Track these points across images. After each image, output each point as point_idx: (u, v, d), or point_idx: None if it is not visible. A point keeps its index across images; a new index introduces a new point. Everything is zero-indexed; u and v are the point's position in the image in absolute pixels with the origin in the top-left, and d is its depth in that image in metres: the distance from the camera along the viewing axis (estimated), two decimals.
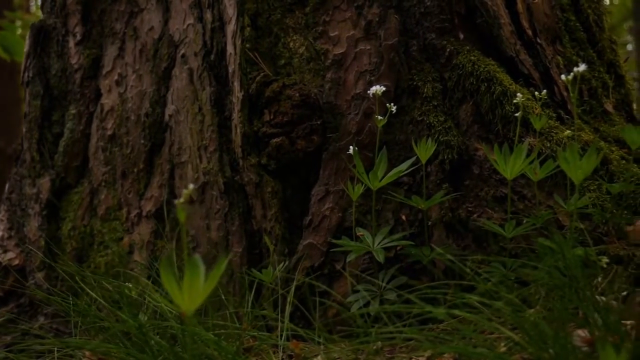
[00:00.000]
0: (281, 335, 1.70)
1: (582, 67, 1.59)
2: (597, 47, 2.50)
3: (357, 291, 1.95)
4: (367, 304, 1.89)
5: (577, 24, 2.47)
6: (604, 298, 1.72)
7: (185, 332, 1.46)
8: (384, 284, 1.92)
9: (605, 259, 1.65)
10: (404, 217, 2.08)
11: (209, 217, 2.29)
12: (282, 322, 1.78)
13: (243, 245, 2.22)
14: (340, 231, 2.10)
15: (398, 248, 2.04)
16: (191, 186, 1.05)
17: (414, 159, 1.93)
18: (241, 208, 2.24)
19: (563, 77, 1.66)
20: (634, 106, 2.57)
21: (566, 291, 1.50)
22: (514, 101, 1.90)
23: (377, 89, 1.83)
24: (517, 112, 2.01)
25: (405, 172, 1.92)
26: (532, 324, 1.25)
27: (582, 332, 1.43)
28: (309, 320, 2.00)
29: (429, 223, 2.05)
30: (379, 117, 1.86)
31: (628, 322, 1.47)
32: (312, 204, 2.14)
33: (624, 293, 1.74)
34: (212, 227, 2.28)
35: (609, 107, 2.37)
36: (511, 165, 1.78)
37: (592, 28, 2.51)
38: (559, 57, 2.33)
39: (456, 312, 1.34)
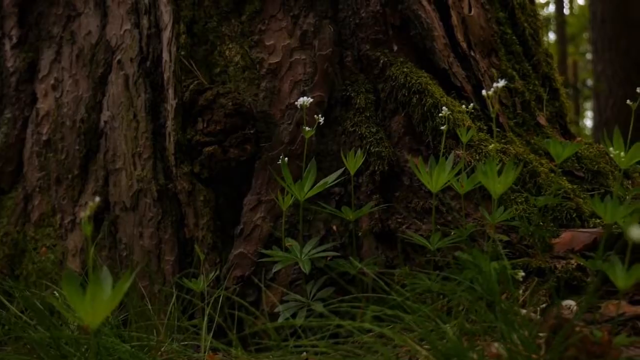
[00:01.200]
0: (198, 347, 1.69)
1: (501, 83, 1.61)
2: (533, 60, 2.54)
3: (286, 301, 1.95)
4: (294, 315, 1.90)
5: (514, 37, 2.51)
6: (523, 311, 1.75)
7: (94, 343, 1.44)
8: (311, 295, 1.92)
9: (521, 273, 1.67)
10: (334, 228, 2.08)
11: (142, 225, 2.27)
12: (198, 333, 1.77)
13: (175, 254, 2.20)
14: (272, 241, 2.10)
15: (328, 258, 2.04)
16: (94, 200, 1.04)
17: (342, 170, 1.94)
18: (174, 216, 2.22)
19: (484, 92, 1.68)
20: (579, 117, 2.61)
21: (482, 305, 1.52)
22: (440, 115, 1.91)
23: (304, 100, 1.83)
24: (448, 124, 2.03)
25: (333, 183, 1.92)
26: (438, 338, 1.26)
27: (494, 347, 1.45)
28: (237, 330, 2.00)
29: (359, 234, 2.06)
30: (307, 128, 1.86)
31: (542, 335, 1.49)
32: (243, 213, 2.13)
33: (543, 305, 1.77)
34: (145, 235, 2.26)
35: (542, 120, 2.40)
36: (435, 178, 1.79)
37: (528, 41, 2.55)
38: (493, 70, 2.36)
39: (366, 325, 1.34)
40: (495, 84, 1.62)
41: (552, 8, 22.77)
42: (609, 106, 11.31)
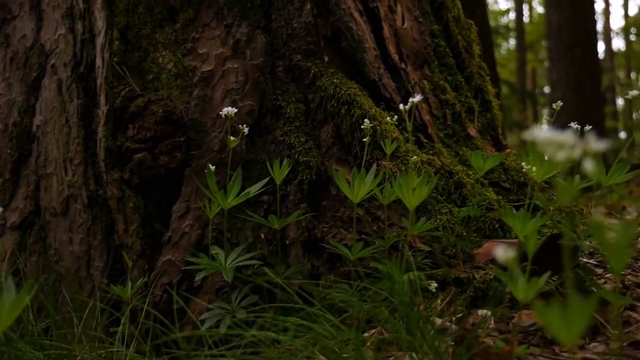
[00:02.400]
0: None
1: (417, 98, 1.65)
2: (466, 72, 2.59)
3: (212, 309, 1.96)
4: (219, 323, 1.91)
5: (447, 50, 2.56)
6: (439, 320, 1.79)
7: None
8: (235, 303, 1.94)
9: (434, 284, 1.71)
10: (262, 236, 2.10)
11: (72, 231, 2.27)
12: (123, 340, 1.78)
13: (104, 260, 2.20)
14: (200, 248, 2.11)
15: (255, 266, 2.06)
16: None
17: (267, 179, 1.96)
18: (104, 222, 2.22)
19: (401, 106, 1.71)
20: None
21: (397, 315, 1.56)
22: (362, 127, 1.95)
23: (228, 110, 1.84)
24: (374, 135, 2.07)
25: (258, 192, 1.94)
26: (330, 348, 1.29)
27: (407, 357, 1.48)
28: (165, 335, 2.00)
29: (287, 242, 2.08)
30: (232, 138, 1.88)
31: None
32: (172, 221, 2.14)
33: (459, 315, 1.81)
34: (74, 241, 2.26)
35: (472, 132, 2.46)
36: (356, 189, 1.82)
37: (461, 54, 2.60)
38: (425, 82, 2.40)
39: (271, 334, 1.37)
40: (411, 99, 1.66)
41: (512, 15, 23.11)
42: (563, 113, 11.53)
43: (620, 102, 23.76)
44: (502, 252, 0.88)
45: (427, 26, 2.50)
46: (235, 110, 1.87)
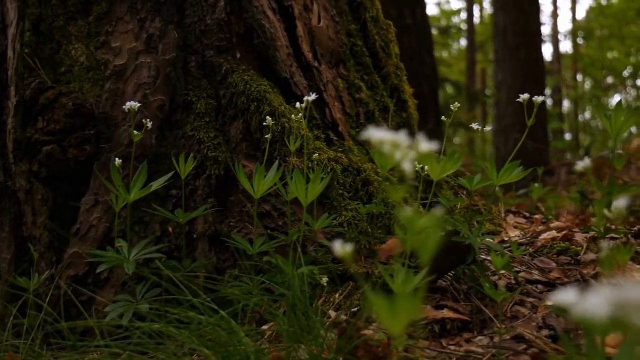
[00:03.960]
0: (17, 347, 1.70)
1: (312, 97, 1.69)
2: (383, 72, 2.64)
3: (117, 301, 1.98)
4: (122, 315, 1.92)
5: (364, 50, 2.60)
6: (334, 313, 1.84)
7: None
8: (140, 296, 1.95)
9: (325, 278, 1.76)
10: (170, 230, 2.12)
11: None
12: (29, 332, 1.79)
13: (12, 252, 2.20)
14: (108, 241, 2.12)
15: (163, 260, 2.08)
16: None
17: (173, 173, 1.98)
18: (13, 214, 2.21)
19: (298, 105, 1.75)
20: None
21: (294, 309, 1.60)
22: (264, 124, 1.98)
23: (131, 105, 1.86)
24: (282, 132, 2.11)
25: (163, 185, 1.95)
26: (220, 341, 1.32)
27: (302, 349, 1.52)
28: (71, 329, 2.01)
29: (194, 236, 2.10)
30: (136, 132, 1.90)
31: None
32: (80, 213, 2.15)
33: (355, 309, 1.86)
34: None
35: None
36: (257, 186, 1.86)
37: (379, 54, 2.65)
38: (340, 81, 2.44)
39: (156, 326, 1.39)
40: (306, 98, 1.70)
41: (464, 16, 23.42)
42: (508, 114, 11.73)
43: (566, 103, 24.27)
44: (340, 246, 0.92)
45: (344, 26, 2.55)
46: (139, 104, 1.88)
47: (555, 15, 25.39)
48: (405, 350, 1.62)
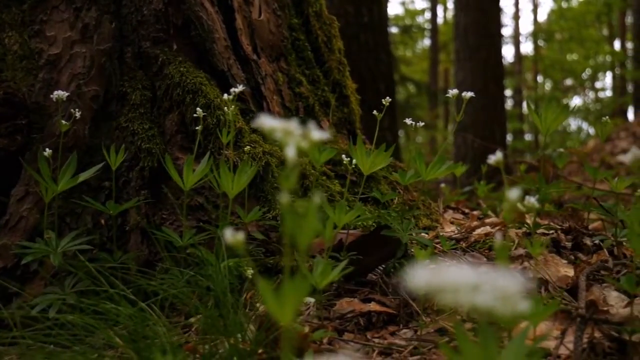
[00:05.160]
0: None
1: (240, 88, 1.69)
2: (325, 67, 2.65)
3: (46, 293, 1.95)
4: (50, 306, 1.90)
5: (306, 44, 2.60)
6: (262, 307, 1.84)
7: None
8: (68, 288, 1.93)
9: (250, 270, 1.75)
10: (102, 222, 2.10)
11: None
12: None
13: None
14: (38, 233, 2.08)
15: (94, 252, 2.06)
16: None
17: (103, 164, 1.96)
18: None
19: (225, 96, 1.74)
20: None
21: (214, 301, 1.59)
22: (194, 115, 1.97)
23: (59, 94, 1.83)
24: (217, 125, 2.10)
25: (93, 175, 1.93)
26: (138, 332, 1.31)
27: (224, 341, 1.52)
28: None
29: (127, 228, 2.09)
30: (64, 122, 1.87)
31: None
32: (10, 204, 2.11)
33: None
34: None
35: (325, 125, 2.52)
36: (186, 178, 1.85)
37: (321, 49, 2.66)
38: (279, 74, 2.44)
39: (70, 317, 1.38)
40: (233, 89, 1.70)
41: (428, 15, 23.59)
42: (468, 114, 11.85)
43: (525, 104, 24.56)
44: (230, 235, 0.92)
45: (285, 19, 2.55)
46: (69, 94, 1.86)
47: (516, 16, 25.72)
48: (329, 343, 1.63)
